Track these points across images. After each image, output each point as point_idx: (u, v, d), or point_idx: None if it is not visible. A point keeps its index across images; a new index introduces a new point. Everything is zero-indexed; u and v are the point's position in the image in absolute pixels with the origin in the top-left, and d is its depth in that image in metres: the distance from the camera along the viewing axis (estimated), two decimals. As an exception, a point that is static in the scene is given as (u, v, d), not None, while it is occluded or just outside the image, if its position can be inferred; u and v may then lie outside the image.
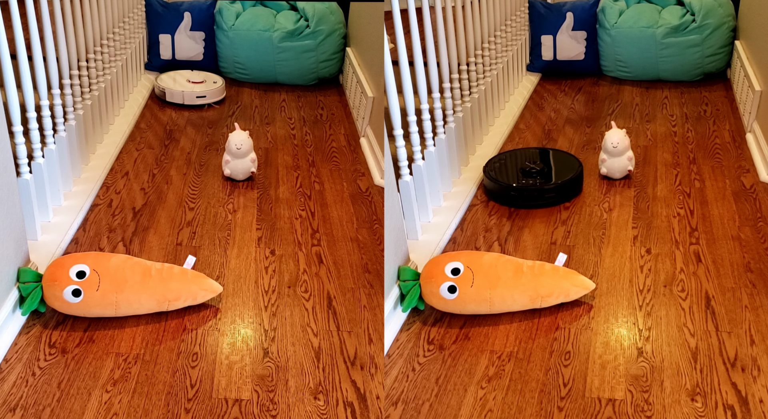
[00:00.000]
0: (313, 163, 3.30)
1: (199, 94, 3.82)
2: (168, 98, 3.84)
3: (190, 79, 3.93)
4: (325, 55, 4.10)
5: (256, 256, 2.63)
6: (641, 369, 2.09)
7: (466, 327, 2.30)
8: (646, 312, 2.31)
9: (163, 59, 4.22)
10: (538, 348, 2.21)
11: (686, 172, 3.11)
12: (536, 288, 2.31)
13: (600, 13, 4.11)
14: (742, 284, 2.41)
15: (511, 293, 2.30)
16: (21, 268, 2.32)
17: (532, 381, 2.09)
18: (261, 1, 4.27)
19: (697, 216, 2.78)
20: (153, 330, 2.26)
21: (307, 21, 4.08)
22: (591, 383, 2.07)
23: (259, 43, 4.07)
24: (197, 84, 3.87)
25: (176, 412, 1.97)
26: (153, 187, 3.07)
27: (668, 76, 4.04)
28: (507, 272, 2.32)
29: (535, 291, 2.31)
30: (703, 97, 3.85)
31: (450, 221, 2.83)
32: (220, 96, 3.91)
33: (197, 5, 4.17)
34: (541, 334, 2.27)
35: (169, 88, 3.83)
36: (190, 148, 3.42)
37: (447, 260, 2.35)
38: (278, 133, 3.60)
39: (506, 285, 2.30)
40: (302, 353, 2.19)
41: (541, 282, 2.32)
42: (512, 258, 2.41)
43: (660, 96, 3.89)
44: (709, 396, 1.99)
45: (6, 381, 2.06)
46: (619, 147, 3.01)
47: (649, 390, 2.02)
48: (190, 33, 4.17)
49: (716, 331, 2.21)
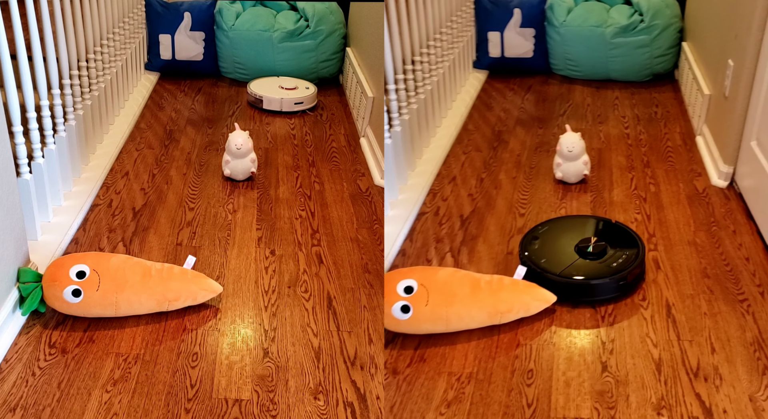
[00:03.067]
0: (313, 163, 3.30)
1: (297, 101, 3.81)
2: (265, 106, 3.82)
3: (282, 85, 3.91)
4: (325, 55, 4.10)
5: (256, 256, 2.63)
6: (606, 384, 2.04)
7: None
8: (608, 323, 2.26)
9: (163, 59, 4.22)
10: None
11: (641, 176, 3.08)
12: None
13: (548, 11, 4.04)
14: (701, 290, 2.37)
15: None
16: (21, 268, 2.32)
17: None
18: (261, 1, 4.27)
19: (654, 221, 2.75)
20: (153, 330, 2.26)
21: (307, 21, 4.08)
22: None
23: (259, 43, 4.07)
24: (291, 90, 3.86)
25: (176, 412, 1.97)
26: (153, 187, 3.07)
27: (618, 77, 4.00)
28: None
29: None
30: (653, 98, 3.83)
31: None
32: (314, 102, 3.90)
33: (197, 5, 4.17)
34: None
35: (267, 96, 3.81)
36: (190, 148, 3.42)
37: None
38: (278, 133, 3.60)
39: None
40: (302, 353, 2.19)
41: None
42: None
43: (611, 96, 3.86)
44: (675, 409, 1.94)
45: (6, 381, 2.06)
46: (575, 151, 2.95)
47: (615, 406, 1.96)
48: (190, 33, 4.17)
49: (678, 340, 2.17)
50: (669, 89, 3.93)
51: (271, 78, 4.05)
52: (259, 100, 3.82)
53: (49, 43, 2.84)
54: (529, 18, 4.06)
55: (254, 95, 3.85)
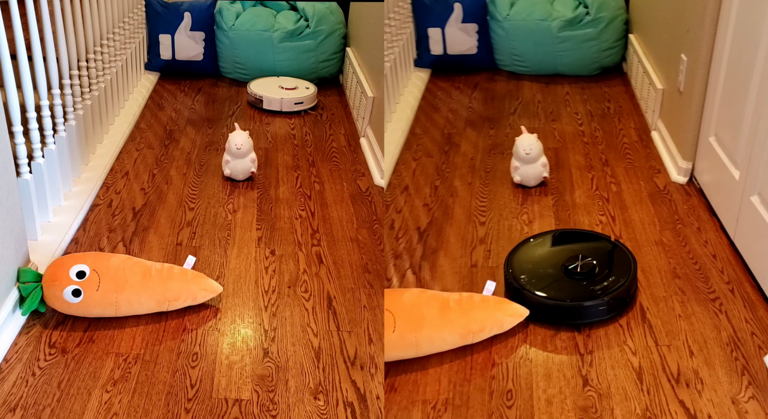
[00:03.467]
0: (313, 163, 3.30)
1: (297, 101, 3.81)
2: (265, 106, 3.82)
3: (282, 85, 3.91)
4: (325, 55, 4.10)
5: (256, 256, 2.63)
6: (589, 399, 1.99)
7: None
8: (585, 334, 2.20)
9: (163, 59, 4.22)
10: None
11: (601, 175, 3.02)
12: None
13: (490, 5, 3.94)
14: (672, 291, 2.34)
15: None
16: (21, 268, 2.32)
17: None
18: (261, 1, 4.27)
19: (620, 222, 2.70)
20: (153, 330, 2.26)
21: (307, 21, 4.08)
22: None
23: (259, 43, 4.07)
24: (291, 90, 3.85)
25: (176, 412, 1.97)
26: (153, 187, 3.07)
27: (566, 71, 3.93)
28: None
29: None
30: (604, 92, 3.77)
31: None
32: (314, 102, 3.90)
33: (197, 5, 4.17)
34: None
35: (267, 96, 3.81)
36: (190, 148, 3.42)
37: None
38: (278, 133, 3.60)
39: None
40: (302, 353, 2.19)
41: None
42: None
43: (561, 92, 3.79)
44: (660, 418, 1.93)
45: (6, 381, 2.06)
46: (532, 153, 2.86)
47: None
48: (190, 33, 4.17)
49: (656, 346, 2.13)
50: (619, 83, 3.87)
51: (271, 78, 4.05)
52: (259, 100, 3.82)
53: (49, 43, 2.84)
54: (470, 13, 3.93)
55: (254, 95, 3.85)
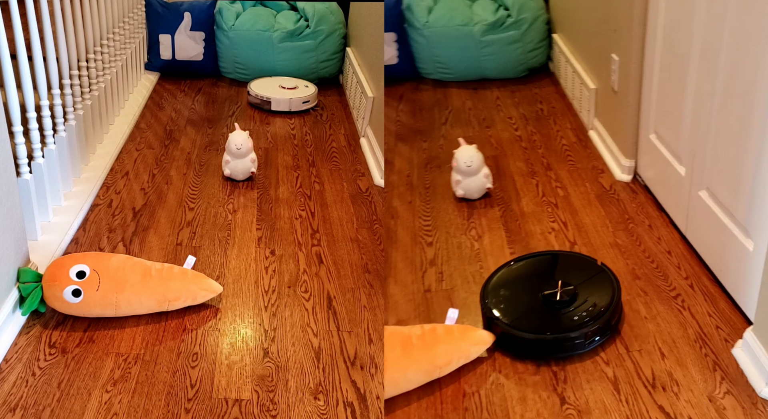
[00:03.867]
0: (313, 163, 3.30)
1: (305, 100, 3.80)
2: (274, 107, 3.80)
3: (282, 85, 3.90)
4: (325, 55, 4.11)
5: (256, 256, 2.63)
6: None
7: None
8: None
9: (163, 59, 4.22)
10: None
11: (545, 180, 2.96)
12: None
13: (407, 12, 3.86)
14: (635, 293, 2.32)
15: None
16: (21, 268, 2.32)
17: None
18: (261, 1, 4.27)
19: (572, 228, 2.67)
20: (153, 330, 2.26)
21: (307, 21, 4.08)
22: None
23: (259, 43, 4.07)
24: (292, 90, 3.83)
25: (176, 412, 1.97)
26: (153, 187, 3.07)
27: (493, 75, 3.88)
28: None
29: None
30: (534, 94, 3.71)
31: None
32: (316, 100, 3.89)
33: (197, 5, 4.18)
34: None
35: (275, 97, 3.78)
36: (190, 148, 3.42)
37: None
38: (278, 133, 3.60)
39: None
40: (302, 353, 2.19)
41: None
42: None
43: (491, 97, 3.71)
44: None
45: (6, 381, 2.06)
46: (474, 165, 2.77)
47: None
48: (190, 33, 4.17)
49: (627, 352, 2.09)
50: (548, 83, 3.81)
51: (270, 78, 4.04)
52: (267, 102, 3.80)
53: (49, 43, 2.84)
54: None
55: (260, 97, 3.82)
